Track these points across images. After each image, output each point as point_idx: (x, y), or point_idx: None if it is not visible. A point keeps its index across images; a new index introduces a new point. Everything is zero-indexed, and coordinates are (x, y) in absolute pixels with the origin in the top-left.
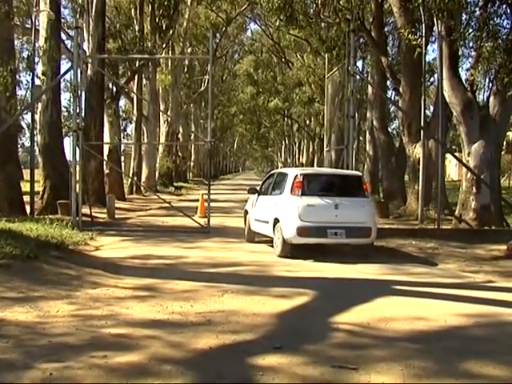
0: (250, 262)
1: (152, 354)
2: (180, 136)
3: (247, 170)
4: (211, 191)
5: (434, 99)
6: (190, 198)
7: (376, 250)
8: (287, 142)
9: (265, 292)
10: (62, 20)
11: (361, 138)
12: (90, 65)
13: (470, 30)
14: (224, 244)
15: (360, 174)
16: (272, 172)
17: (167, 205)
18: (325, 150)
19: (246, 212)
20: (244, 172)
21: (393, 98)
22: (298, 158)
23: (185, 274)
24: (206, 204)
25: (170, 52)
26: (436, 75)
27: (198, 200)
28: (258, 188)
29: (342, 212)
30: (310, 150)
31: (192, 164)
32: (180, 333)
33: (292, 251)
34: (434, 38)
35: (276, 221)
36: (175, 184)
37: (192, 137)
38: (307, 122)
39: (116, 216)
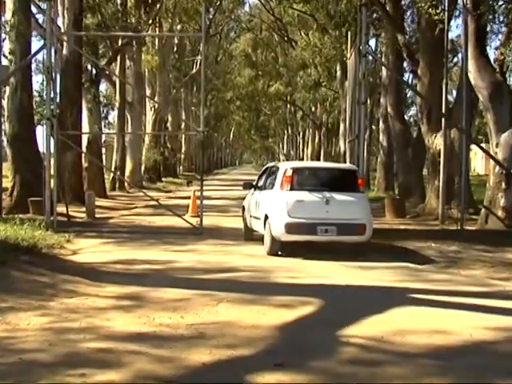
0: (248, 266)
1: (137, 371)
2: (169, 125)
3: (245, 164)
4: (204, 187)
5: (457, 82)
6: (180, 194)
7: (377, 248)
8: (290, 131)
9: (265, 301)
10: None
11: (373, 127)
12: (65, 43)
13: (501, 2)
14: (219, 247)
15: (355, 167)
16: (267, 166)
17: (154, 203)
18: (346, 141)
19: (244, 208)
20: (241, 166)
21: (410, 82)
22: (303, 150)
23: (174, 281)
24: (198, 202)
25: (156, 29)
26: (460, 55)
27: (189, 197)
28: (254, 183)
29: (333, 208)
30: (316, 140)
31: (182, 157)
32: (169, 347)
33: (282, 249)
34: (458, 12)
35: (266, 217)
36: (164, 179)
37: (182, 126)
38: (313, 108)
39: (96, 215)
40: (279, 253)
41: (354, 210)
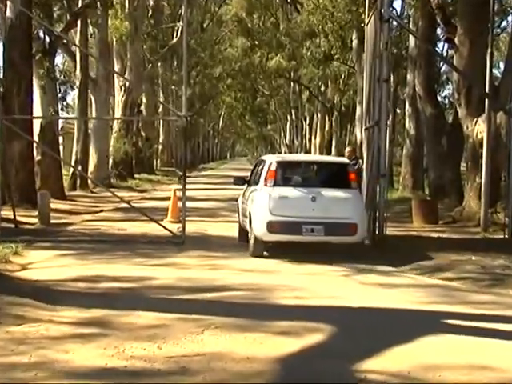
0: (242, 284)
1: None
2: (143, 108)
3: (238, 157)
4: (188, 186)
5: (505, 53)
6: (157, 195)
7: (397, 258)
8: (294, 116)
9: (262, 327)
10: None
11: (398, 111)
12: (9, 2)
13: None
14: (205, 259)
15: (346, 161)
16: (259, 159)
17: (125, 205)
18: (363, 128)
19: (238, 207)
20: (233, 159)
21: (445, 54)
22: (310, 139)
23: (150, 303)
24: (179, 204)
25: None
26: (510, 18)
27: (168, 198)
28: (247, 178)
29: (320, 205)
30: (326, 127)
31: (160, 148)
32: None
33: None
34: None
35: (250, 215)
36: (137, 176)
37: (160, 110)
38: (322, 88)
39: (52, 221)
40: (265, 253)
41: (344, 208)
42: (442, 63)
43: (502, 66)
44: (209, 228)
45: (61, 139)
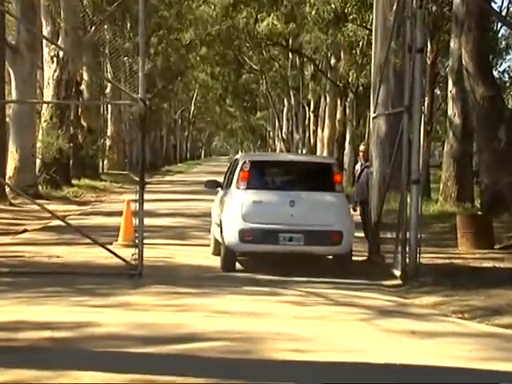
0: (219, 332)
1: None
2: (84, 88)
3: (216, 156)
4: (147, 196)
5: None
6: (104, 208)
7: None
8: (293, 100)
9: None
10: None
11: (437, 92)
12: None
13: None
14: (170, 298)
15: (331, 160)
16: (233, 158)
17: (60, 223)
18: (371, 115)
19: (211, 214)
20: (210, 159)
21: (504, 12)
22: (315, 131)
23: (92, 360)
24: (135, 221)
25: None
26: None
27: (120, 213)
28: (221, 181)
29: (300, 211)
30: (338, 114)
31: (108, 144)
32: None
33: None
34: None
35: (221, 223)
36: (76, 182)
37: (108, 90)
38: (332, 60)
39: None
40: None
41: (327, 214)
42: (499, 25)
43: None
44: (176, 254)
45: None
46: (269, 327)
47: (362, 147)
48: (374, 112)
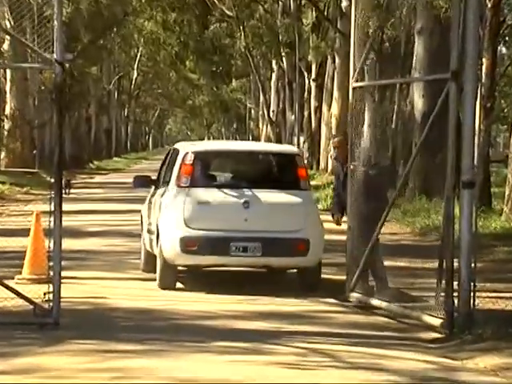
0: None
1: None
2: None
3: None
4: (68, 206)
5: None
6: (1, 225)
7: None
8: (285, 63)
9: None
10: None
11: (501, 50)
12: None
13: None
14: (100, 360)
15: (295, 150)
16: (171, 148)
17: None
18: (351, 81)
19: (141, 219)
20: (163, 150)
21: None
22: (318, 109)
23: None
24: (48, 244)
25: None
26: None
27: (26, 232)
28: (154, 177)
29: (256, 214)
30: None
31: (7, 127)
32: None
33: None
34: None
35: (157, 230)
36: None
37: (6, 46)
38: (343, 3)
39: None
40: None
41: (290, 218)
42: None
43: None
44: (109, 293)
45: None
46: None
47: (335, 139)
48: (357, 78)
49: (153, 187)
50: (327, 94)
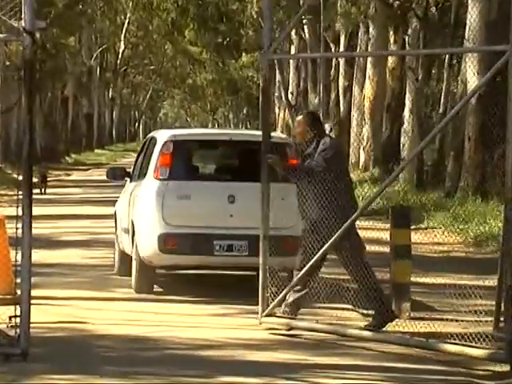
0: None
1: None
2: None
3: None
4: (42, 210)
5: None
6: None
7: None
8: (307, 33)
9: None
10: None
11: None
12: None
13: None
14: None
15: (285, 139)
16: (148, 136)
17: None
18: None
19: (115, 216)
20: None
21: None
22: (348, 90)
23: None
24: (15, 256)
25: None
26: None
27: None
28: (129, 169)
29: (242, 209)
30: (390, 60)
31: None
32: None
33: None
34: None
35: (133, 226)
36: None
37: None
38: None
39: None
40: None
41: (280, 213)
42: None
43: None
44: (89, 316)
45: None
46: None
47: (299, 117)
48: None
49: (127, 180)
50: (359, 71)
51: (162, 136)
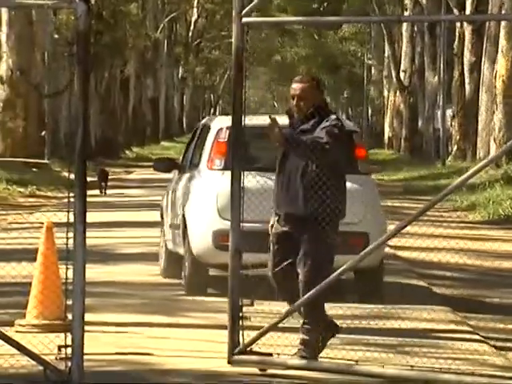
0: None
1: None
2: None
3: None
4: (97, 216)
5: None
6: None
7: None
8: None
9: None
10: None
11: None
12: None
13: None
14: None
15: (352, 127)
16: (200, 124)
17: None
18: None
19: (162, 212)
20: None
21: None
22: (475, 67)
23: None
24: (65, 273)
25: None
26: None
27: (32, 256)
28: (178, 161)
29: None
30: None
31: (5, 95)
32: None
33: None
34: None
35: (184, 222)
36: None
37: None
38: None
39: None
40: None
41: (347, 207)
42: None
43: None
44: (156, 346)
45: None
46: None
47: (299, 84)
48: None
49: (176, 172)
50: (490, 43)
51: (216, 123)
